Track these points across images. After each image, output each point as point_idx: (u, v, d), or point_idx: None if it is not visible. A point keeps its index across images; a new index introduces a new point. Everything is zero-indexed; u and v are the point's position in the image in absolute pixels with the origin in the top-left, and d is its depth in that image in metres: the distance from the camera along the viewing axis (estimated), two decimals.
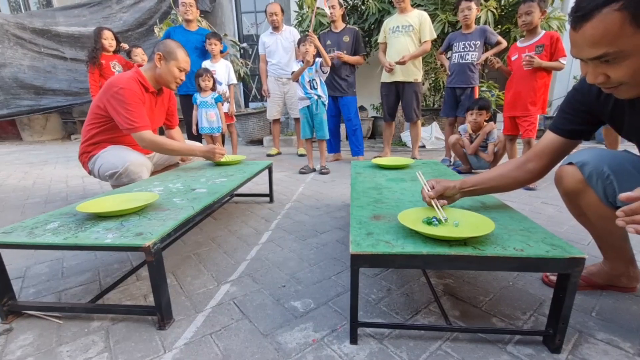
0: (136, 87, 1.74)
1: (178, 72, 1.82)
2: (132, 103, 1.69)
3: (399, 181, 1.51)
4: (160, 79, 1.82)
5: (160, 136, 1.82)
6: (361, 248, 0.81)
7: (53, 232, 0.99)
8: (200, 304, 1.12)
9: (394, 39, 3.19)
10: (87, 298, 1.16)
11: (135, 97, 1.71)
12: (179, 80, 1.86)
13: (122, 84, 1.69)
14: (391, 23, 3.23)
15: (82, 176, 3.21)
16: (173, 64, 1.78)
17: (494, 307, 1.04)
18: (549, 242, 0.81)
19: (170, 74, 1.80)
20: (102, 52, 3.46)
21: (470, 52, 2.88)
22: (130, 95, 1.69)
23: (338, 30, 3.31)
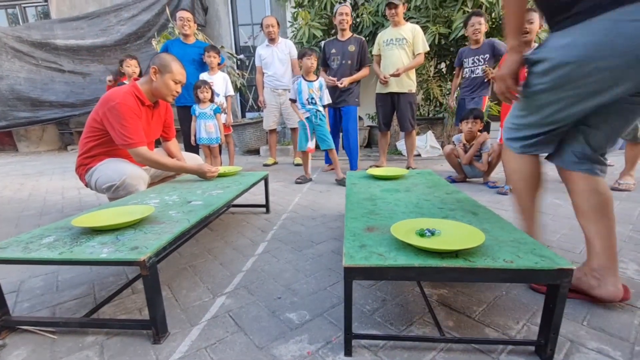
0: (132, 101, 1.75)
1: (174, 84, 1.84)
2: (128, 118, 1.70)
3: (393, 192, 1.53)
4: (157, 92, 1.84)
5: (156, 152, 1.83)
6: (354, 261, 0.82)
7: (48, 247, 0.99)
8: (195, 317, 1.12)
9: (388, 52, 3.25)
10: (82, 312, 1.16)
11: (131, 112, 1.72)
12: (175, 93, 1.88)
13: (118, 98, 1.70)
14: (385, 36, 3.28)
15: (78, 188, 3.20)
16: (168, 77, 1.80)
17: (487, 317, 1.05)
18: (538, 254, 0.83)
19: (166, 87, 1.82)
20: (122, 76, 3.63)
21: (480, 66, 2.97)
22: (126, 110, 1.70)
23: (344, 39, 3.30)
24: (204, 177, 1.98)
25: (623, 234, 1.66)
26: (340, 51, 3.27)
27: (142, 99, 1.82)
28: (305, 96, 2.91)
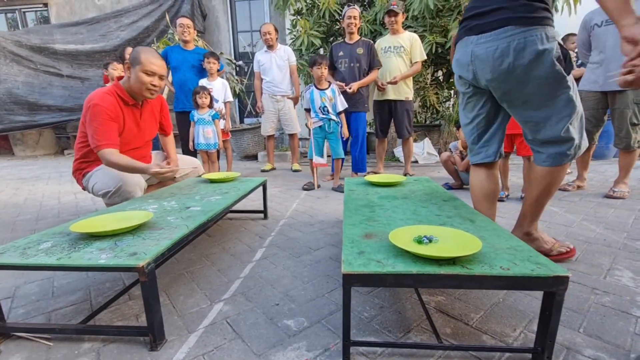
0: (110, 102, 1.69)
1: (146, 77, 1.71)
2: (100, 120, 1.65)
3: (391, 198, 1.54)
4: (132, 89, 1.75)
5: (120, 156, 1.71)
6: (353, 268, 0.83)
7: (46, 253, 0.99)
8: (193, 324, 1.11)
9: (385, 59, 3.28)
10: (78, 318, 1.15)
11: (104, 114, 1.66)
12: (151, 86, 1.74)
13: (95, 99, 1.66)
14: (383, 43, 3.32)
15: (74, 192, 3.19)
16: (138, 69, 1.69)
17: (484, 325, 1.06)
18: (534, 261, 0.84)
19: (139, 81, 1.71)
20: None
21: None
22: (99, 112, 1.65)
23: (352, 42, 3.28)
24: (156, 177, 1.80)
25: (617, 242, 1.68)
26: (347, 54, 3.25)
27: (125, 99, 1.76)
28: (317, 104, 2.91)
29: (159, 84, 1.77)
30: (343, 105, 2.96)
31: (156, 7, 6.05)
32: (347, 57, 3.26)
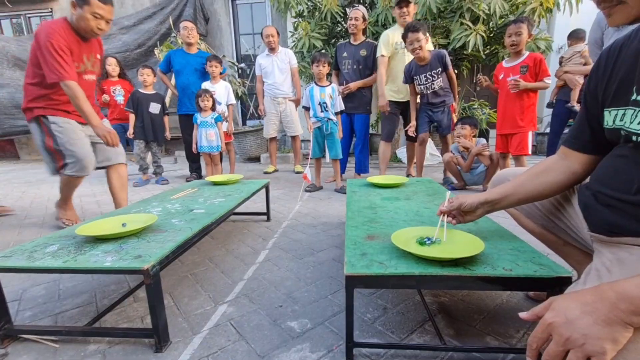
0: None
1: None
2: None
3: (393, 200, 1.54)
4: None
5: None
6: (355, 269, 0.83)
7: (52, 256, 1.00)
8: (197, 326, 1.12)
9: (400, 57, 3.04)
10: (84, 320, 1.16)
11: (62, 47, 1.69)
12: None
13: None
14: (397, 38, 2.98)
15: (79, 196, 3.21)
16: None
17: (488, 326, 1.06)
18: (537, 262, 0.84)
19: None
20: (107, 78, 3.71)
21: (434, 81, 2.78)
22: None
23: (357, 42, 3.27)
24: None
25: None
26: (351, 55, 3.23)
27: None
28: (317, 100, 2.90)
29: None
30: (341, 106, 2.96)
31: (158, 9, 6.09)
32: (350, 59, 3.25)
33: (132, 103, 3.50)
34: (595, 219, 0.78)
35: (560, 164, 0.89)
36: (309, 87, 2.98)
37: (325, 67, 2.84)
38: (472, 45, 3.46)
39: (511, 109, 2.48)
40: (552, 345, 0.52)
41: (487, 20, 3.57)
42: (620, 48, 0.75)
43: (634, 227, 0.68)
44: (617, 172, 0.74)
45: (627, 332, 0.49)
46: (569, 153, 0.88)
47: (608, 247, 0.74)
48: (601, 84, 0.77)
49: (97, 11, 1.72)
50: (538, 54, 2.49)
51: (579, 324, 0.50)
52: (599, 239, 0.77)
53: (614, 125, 0.73)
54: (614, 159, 0.76)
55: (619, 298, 0.50)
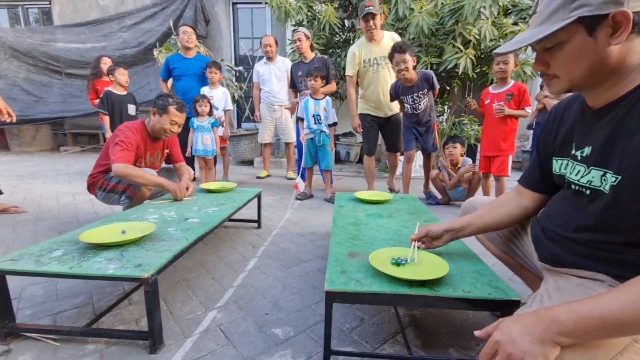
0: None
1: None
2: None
3: (376, 217, 1.66)
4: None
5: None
6: (335, 286, 0.94)
7: (58, 261, 1.09)
8: (188, 330, 1.22)
9: (372, 75, 2.99)
10: (82, 321, 1.24)
11: (126, 142, 1.91)
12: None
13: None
14: (365, 55, 2.95)
15: (72, 193, 3.26)
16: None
17: (452, 339, 1.18)
18: (493, 285, 0.96)
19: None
20: (100, 78, 3.78)
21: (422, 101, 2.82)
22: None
23: (308, 60, 3.49)
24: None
25: None
26: (306, 73, 3.27)
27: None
28: (311, 112, 3.01)
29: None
30: (334, 119, 3.07)
31: (159, 9, 6.14)
32: (305, 76, 3.34)
33: (106, 104, 3.40)
34: (543, 250, 0.91)
35: (515, 200, 1.03)
36: (303, 99, 3.09)
37: (318, 81, 2.94)
38: (462, 67, 3.62)
39: (496, 133, 2.65)
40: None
41: (478, 44, 3.73)
42: (566, 107, 0.89)
43: (571, 259, 0.81)
44: (560, 212, 0.87)
45: (556, 350, 0.59)
46: (522, 190, 1.02)
47: (552, 275, 0.86)
48: (550, 135, 0.91)
49: (174, 119, 2.00)
50: (523, 84, 2.66)
51: (519, 342, 0.60)
52: (545, 267, 0.90)
53: (560, 172, 0.86)
54: (560, 200, 0.90)
55: (551, 321, 0.60)
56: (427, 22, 3.66)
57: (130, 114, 3.53)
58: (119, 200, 2.01)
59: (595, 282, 0.76)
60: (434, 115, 3.01)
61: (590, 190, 0.75)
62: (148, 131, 2.06)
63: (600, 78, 0.71)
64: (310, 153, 3.15)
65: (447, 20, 3.77)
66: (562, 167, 0.85)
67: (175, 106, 1.99)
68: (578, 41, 0.68)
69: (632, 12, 0.63)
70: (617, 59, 0.67)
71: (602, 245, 0.74)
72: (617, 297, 0.58)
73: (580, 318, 0.58)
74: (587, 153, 0.76)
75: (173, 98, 2.01)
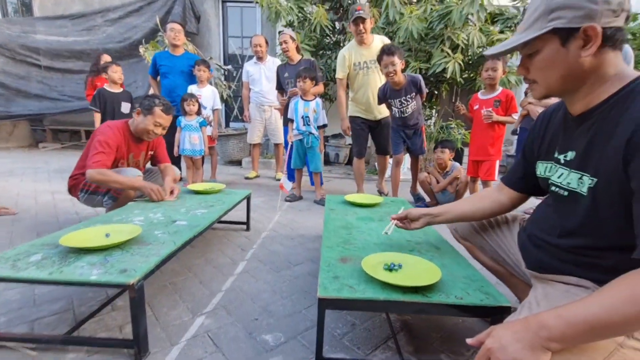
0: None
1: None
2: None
3: (367, 220, 1.66)
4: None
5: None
6: (327, 292, 0.93)
7: (37, 266, 1.04)
8: (175, 336, 1.18)
9: (363, 77, 2.99)
10: (61, 328, 1.19)
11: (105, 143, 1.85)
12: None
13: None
14: (355, 58, 2.97)
15: (52, 192, 3.14)
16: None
17: (443, 344, 1.18)
18: (484, 291, 0.97)
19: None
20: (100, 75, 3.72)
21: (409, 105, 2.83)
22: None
23: (295, 62, 3.45)
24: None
25: None
26: (293, 74, 3.31)
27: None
28: (300, 114, 2.98)
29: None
30: (324, 121, 3.05)
31: (145, 4, 6.00)
32: (292, 78, 3.36)
33: (98, 102, 3.36)
34: (529, 257, 0.94)
35: (495, 195, 1.12)
36: (294, 100, 3.07)
37: (306, 83, 2.90)
38: (450, 71, 3.67)
39: (484, 138, 2.70)
40: None
41: (466, 49, 3.80)
42: (551, 114, 0.93)
43: (556, 265, 0.84)
44: (545, 218, 0.91)
45: (546, 355, 0.60)
46: (503, 187, 1.11)
47: (540, 283, 0.88)
48: (537, 140, 0.95)
49: (158, 120, 1.94)
50: (510, 91, 2.72)
51: (510, 349, 0.61)
52: (533, 274, 0.93)
53: (544, 175, 0.90)
54: (544, 207, 0.93)
55: (539, 327, 0.61)
56: (416, 26, 3.70)
57: (124, 112, 3.46)
58: (102, 201, 1.94)
59: (580, 288, 0.78)
60: (422, 118, 3.03)
61: (568, 192, 0.80)
62: (131, 131, 2.00)
63: (574, 86, 0.76)
64: (299, 154, 3.13)
65: (436, 25, 3.82)
66: (546, 170, 0.90)
67: (161, 107, 1.93)
68: (553, 50, 0.74)
69: (602, 27, 0.68)
70: (589, 69, 0.72)
71: (584, 250, 0.78)
72: (600, 300, 0.59)
73: (568, 323, 0.59)
74: (570, 157, 0.81)
75: (160, 99, 1.95)
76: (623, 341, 0.64)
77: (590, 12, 0.68)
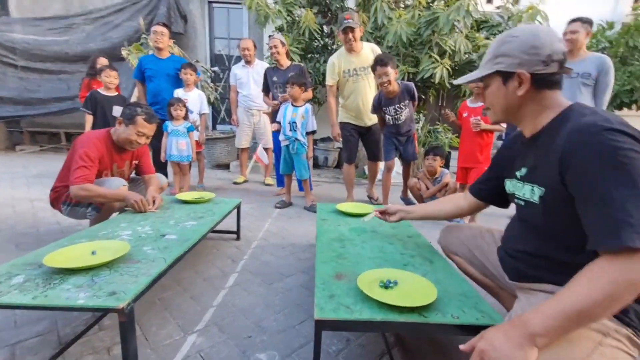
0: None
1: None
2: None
3: (360, 232, 1.66)
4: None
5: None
6: (324, 314, 0.92)
7: (19, 290, 0.98)
8: (166, 357, 1.15)
9: (353, 84, 3.01)
10: (45, 352, 1.14)
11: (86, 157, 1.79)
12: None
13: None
14: (345, 65, 2.99)
15: (31, 199, 3.01)
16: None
17: (437, 358, 1.19)
18: (479, 309, 0.98)
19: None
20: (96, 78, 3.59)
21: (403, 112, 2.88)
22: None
23: (284, 67, 3.43)
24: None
25: None
26: (282, 79, 3.31)
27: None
28: (288, 119, 2.96)
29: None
30: (313, 127, 3.03)
31: (129, 4, 5.84)
32: (280, 83, 3.35)
33: (90, 104, 3.28)
34: (508, 268, 1.03)
35: (458, 199, 1.33)
36: (284, 105, 3.05)
37: (295, 89, 2.89)
38: (438, 76, 3.73)
39: (473, 145, 2.75)
40: None
41: (453, 55, 3.87)
42: (515, 137, 1.09)
43: (532, 273, 0.93)
44: (513, 230, 1.05)
45: (534, 352, 0.66)
46: (467, 193, 1.29)
47: (523, 293, 0.95)
48: (503, 160, 1.11)
49: (141, 130, 1.88)
50: None
51: (502, 349, 0.67)
52: (516, 286, 1.00)
53: (511, 190, 1.03)
54: (513, 221, 1.07)
55: (524, 326, 0.68)
56: (405, 30, 3.74)
57: (115, 116, 3.35)
58: (86, 213, 1.87)
59: None
60: (414, 125, 3.08)
61: (525, 202, 0.94)
62: (114, 141, 1.93)
63: (515, 115, 0.95)
64: (286, 161, 3.11)
65: (424, 30, 3.88)
66: (511, 187, 1.03)
67: (144, 117, 1.86)
68: (496, 87, 0.93)
69: (532, 73, 0.85)
70: (525, 103, 0.90)
71: (551, 253, 0.87)
72: (570, 292, 0.67)
73: (547, 317, 0.66)
74: (524, 172, 0.95)
75: (142, 108, 1.88)
76: (602, 340, 0.70)
77: (522, 61, 0.86)
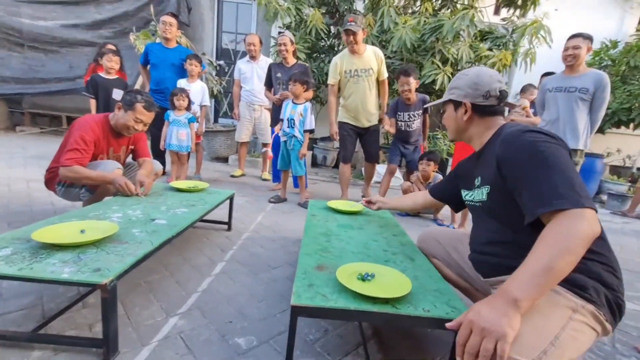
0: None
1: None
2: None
3: (347, 228, 1.68)
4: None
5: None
6: (301, 300, 0.95)
7: (6, 261, 1.01)
8: (146, 337, 1.17)
9: (353, 85, 3.05)
10: (28, 324, 1.16)
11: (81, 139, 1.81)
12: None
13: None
14: (347, 66, 3.03)
15: (27, 180, 3.04)
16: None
17: (412, 352, 1.22)
18: (451, 305, 1.01)
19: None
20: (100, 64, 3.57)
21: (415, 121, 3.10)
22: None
23: (289, 65, 3.49)
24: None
25: None
26: (285, 76, 3.38)
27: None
28: (287, 115, 3.00)
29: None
30: (311, 125, 3.05)
31: None
32: (284, 79, 3.41)
33: (91, 88, 3.36)
34: (479, 266, 1.11)
35: (420, 197, 1.62)
36: (286, 102, 3.09)
37: (297, 86, 2.92)
38: (439, 83, 3.76)
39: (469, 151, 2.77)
40: (472, 337, 0.73)
41: (455, 63, 3.90)
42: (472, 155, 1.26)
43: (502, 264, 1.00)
44: (475, 230, 1.18)
45: (518, 316, 0.73)
46: (427, 193, 1.55)
47: (496, 289, 0.97)
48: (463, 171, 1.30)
49: (139, 117, 1.90)
50: None
51: (489, 317, 0.73)
52: (490, 283, 1.06)
53: (468, 198, 1.21)
54: (474, 225, 1.20)
55: (505, 293, 0.75)
56: (409, 36, 3.77)
57: (116, 99, 3.41)
58: (80, 194, 1.90)
59: None
60: (422, 138, 3.24)
61: (479, 203, 1.11)
62: (112, 126, 1.96)
63: (465, 135, 1.20)
64: (284, 156, 3.14)
65: (428, 37, 3.91)
66: (468, 196, 1.21)
67: (143, 104, 1.89)
68: (450, 112, 1.21)
69: (473, 104, 1.12)
70: (472, 126, 1.16)
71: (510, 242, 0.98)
72: (533, 255, 0.77)
73: (521, 282, 0.75)
74: (479, 181, 1.11)
75: (142, 95, 1.91)
76: (571, 315, 0.80)
77: (467, 94, 1.12)
